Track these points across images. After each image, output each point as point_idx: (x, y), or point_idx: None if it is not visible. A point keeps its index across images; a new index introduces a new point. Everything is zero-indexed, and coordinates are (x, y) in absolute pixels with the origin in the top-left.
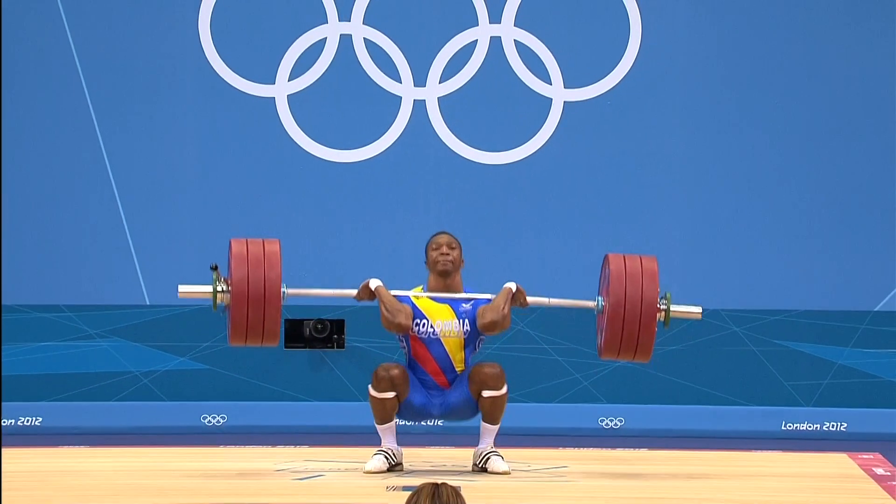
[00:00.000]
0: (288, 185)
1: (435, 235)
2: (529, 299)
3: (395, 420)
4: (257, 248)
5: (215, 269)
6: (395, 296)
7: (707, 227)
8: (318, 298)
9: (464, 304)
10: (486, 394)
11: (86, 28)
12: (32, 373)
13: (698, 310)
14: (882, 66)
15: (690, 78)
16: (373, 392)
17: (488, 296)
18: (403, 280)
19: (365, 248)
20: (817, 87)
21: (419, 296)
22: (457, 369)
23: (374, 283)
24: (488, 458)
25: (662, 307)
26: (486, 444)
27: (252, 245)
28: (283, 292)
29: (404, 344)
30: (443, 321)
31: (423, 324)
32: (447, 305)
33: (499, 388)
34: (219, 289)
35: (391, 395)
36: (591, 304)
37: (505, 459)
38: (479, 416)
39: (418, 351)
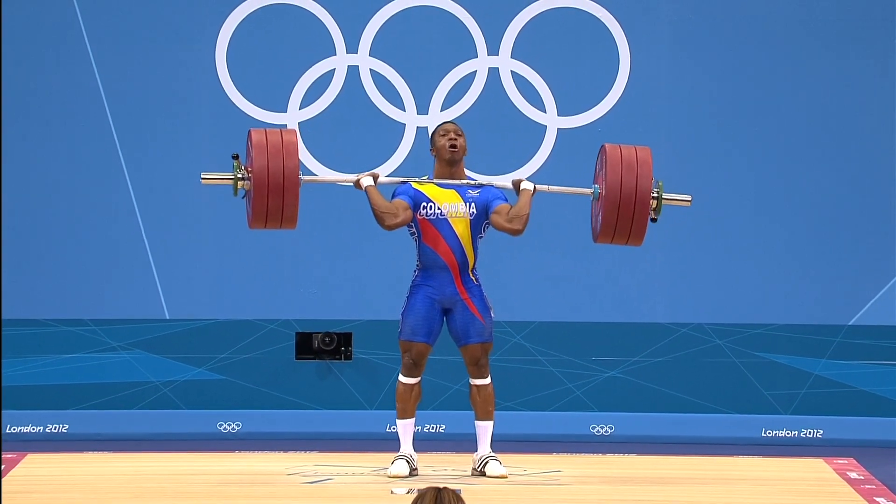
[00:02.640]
0: (300, 205)
1: (442, 124)
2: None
3: (414, 420)
4: (276, 137)
5: (236, 158)
6: (401, 181)
7: (692, 247)
8: (328, 313)
9: (470, 191)
10: (473, 382)
11: (110, 57)
12: (60, 383)
13: (688, 197)
14: (868, 93)
15: (675, 106)
16: (402, 378)
17: (495, 182)
18: (405, 290)
19: (371, 263)
20: (797, 109)
21: (424, 182)
22: (466, 252)
23: (366, 182)
24: (486, 463)
25: (655, 194)
26: (485, 449)
27: (271, 135)
28: (301, 179)
29: (414, 230)
30: (450, 203)
31: (430, 206)
32: (453, 190)
33: (483, 377)
34: (239, 176)
35: (416, 380)
36: (587, 191)
37: (502, 464)
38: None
39: (427, 232)
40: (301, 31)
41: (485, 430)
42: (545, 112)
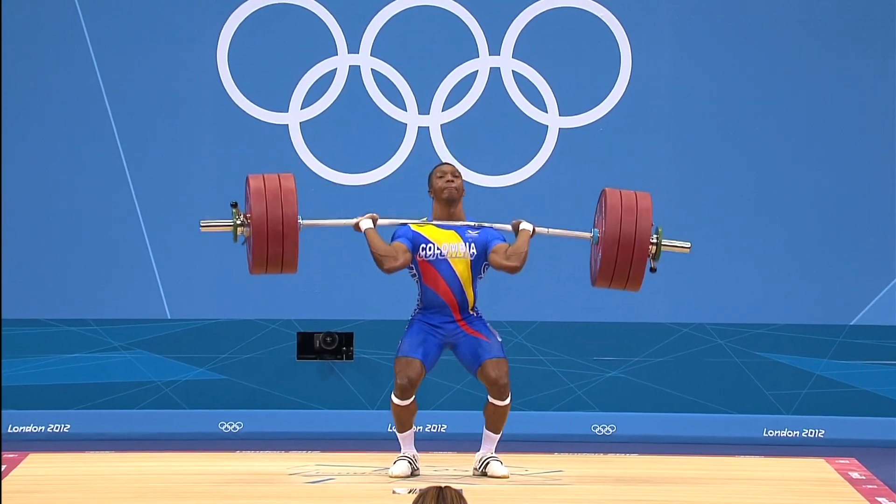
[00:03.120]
0: (300, 206)
1: (438, 165)
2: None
3: (413, 427)
4: (274, 184)
5: (235, 205)
6: (400, 223)
7: (693, 247)
8: (329, 313)
9: (470, 231)
10: (491, 400)
11: (112, 57)
12: (61, 382)
13: (688, 244)
14: (868, 93)
15: (676, 106)
16: (395, 400)
17: (496, 225)
18: (407, 295)
19: (373, 263)
20: (797, 109)
21: (423, 223)
22: (465, 292)
23: (365, 225)
24: (488, 463)
25: (654, 240)
26: (487, 449)
27: (269, 182)
28: (300, 223)
29: (415, 272)
30: (449, 244)
31: (430, 247)
32: (452, 231)
33: (503, 399)
34: (238, 223)
35: (410, 401)
36: (587, 235)
37: (504, 464)
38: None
39: (427, 273)
40: (302, 31)
41: (491, 438)
42: (546, 112)
